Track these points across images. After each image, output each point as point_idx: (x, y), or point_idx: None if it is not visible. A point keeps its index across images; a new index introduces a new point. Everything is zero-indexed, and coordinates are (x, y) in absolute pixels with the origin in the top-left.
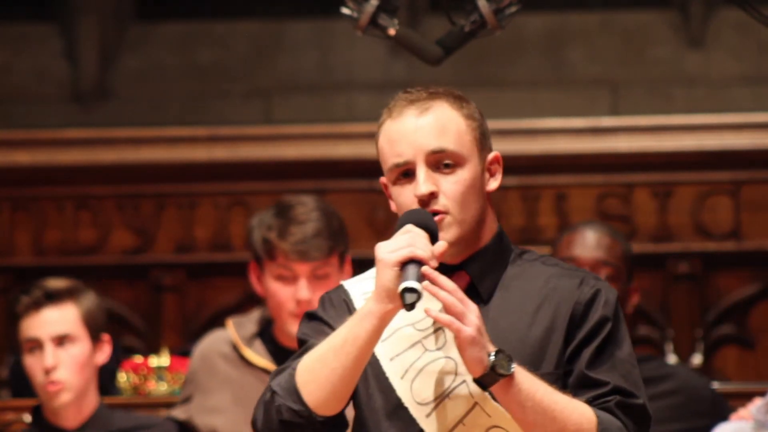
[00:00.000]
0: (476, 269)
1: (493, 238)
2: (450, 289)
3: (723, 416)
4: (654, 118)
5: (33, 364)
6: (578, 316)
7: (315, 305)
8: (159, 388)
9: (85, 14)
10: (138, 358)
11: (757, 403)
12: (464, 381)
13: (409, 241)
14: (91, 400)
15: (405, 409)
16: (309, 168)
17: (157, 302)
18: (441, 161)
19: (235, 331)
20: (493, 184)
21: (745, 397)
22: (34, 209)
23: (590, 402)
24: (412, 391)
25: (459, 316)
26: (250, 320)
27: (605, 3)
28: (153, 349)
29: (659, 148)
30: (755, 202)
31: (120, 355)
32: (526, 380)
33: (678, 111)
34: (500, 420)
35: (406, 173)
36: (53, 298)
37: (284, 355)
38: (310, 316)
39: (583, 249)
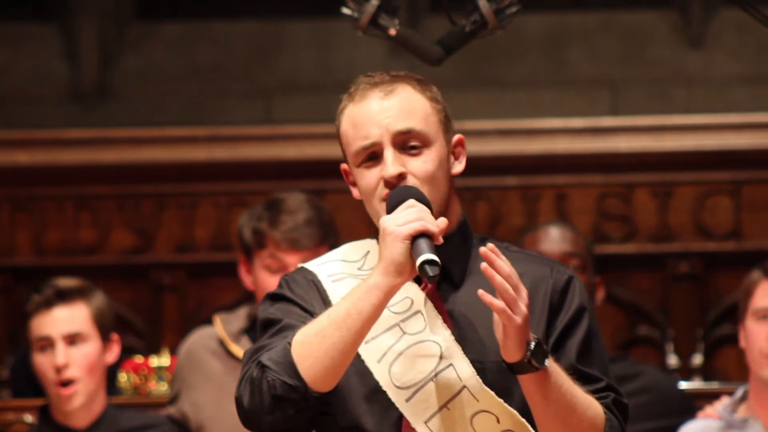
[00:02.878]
0: (446, 254)
1: (459, 223)
2: (506, 274)
3: (691, 414)
4: (654, 118)
5: (44, 362)
6: (555, 304)
7: None
8: (159, 388)
9: (85, 14)
10: (138, 358)
11: (724, 401)
12: (451, 364)
13: (418, 214)
14: (101, 400)
15: (383, 393)
16: (309, 168)
17: (157, 302)
18: (407, 142)
19: (222, 327)
20: (458, 167)
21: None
22: (34, 209)
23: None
24: (391, 374)
25: (510, 303)
26: (238, 316)
27: (605, 3)
28: (153, 349)
29: (659, 148)
30: (755, 202)
31: (120, 355)
32: (554, 373)
33: (678, 111)
34: (488, 404)
35: (372, 156)
36: (65, 296)
37: None
38: (274, 297)
39: (550, 243)
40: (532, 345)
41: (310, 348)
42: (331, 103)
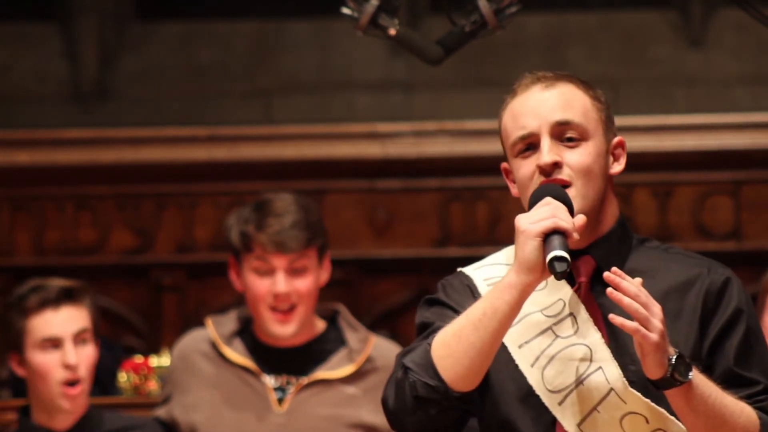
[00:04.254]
0: (602, 254)
1: (616, 222)
2: (632, 294)
3: None
4: (654, 118)
5: (49, 361)
6: (711, 305)
7: (292, 299)
8: (159, 388)
9: (85, 14)
10: (138, 358)
11: None
12: (600, 367)
13: (551, 212)
14: (85, 401)
15: (536, 397)
16: (309, 168)
17: (157, 302)
18: (565, 133)
19: (215, 329)
20: (617, 167)
21: None
22: (34, 209)
23: (743, 401)
24: (544, 378)
25: (643, 322)
26: (230, 318)
27: (605, 3)
28: (153, 349)
29: (659, 148)
30: (755, 202)
31: (120, 355)
32: (700, 385)
33: (678, 111)
34: (637, 406)
35: (529, 146)
36: (72, 296)
37: (264, 353)
38: (430, 302)
39: None
40: (674, 359)
41: (449, 348)
42: (331, 103)
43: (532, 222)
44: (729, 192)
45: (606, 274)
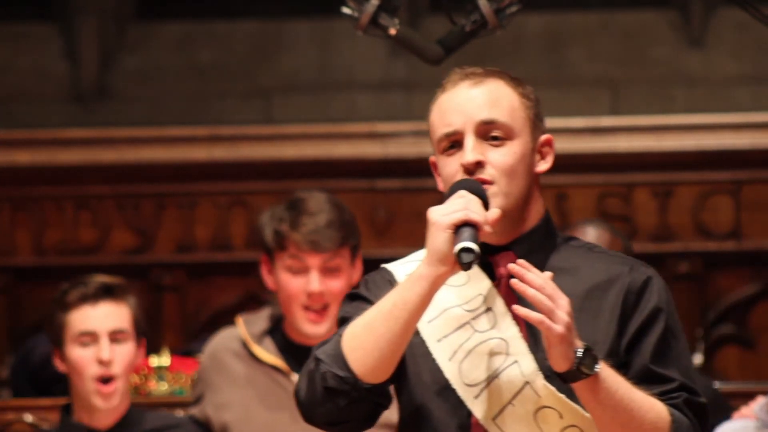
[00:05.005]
0: (524, 250)
1: (540, 220)
2: (538, 285)
3: (725, 415)
4: (654, 118)
5: (84, 356)
6: (630, 303)
7: (326, 299)
8: (159, 388)
9: (85, 14)
10: None
11: (760, 401)
12: (515, 361)
13: (463, 204)
14: (126, 401)
15: (453, 390)
16: (309, 168)
17: (157, 302)
18: (490, 132)
19: (245, 328)
20: (543, 165)
21: (746, 397)
22: (34, 209)
23: (656, 398)
24: (461, 372)
25: (548, 314)
26: (261, 317)
27: (605, 3)
28: (153, 349)
29: (659, 148)
30: (755, 202)
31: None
32: (608, 378)
33: (678, 111)
34: (550, 400)
35: (454, 144)
36: (111, 293)
37: (295, 352)
38: (352, 296)
39: None
40: (580, 352)
41: (359, 340)
42: (331, 103)
43: (443, 214)
44: (729, 192)
45: (510, 265)
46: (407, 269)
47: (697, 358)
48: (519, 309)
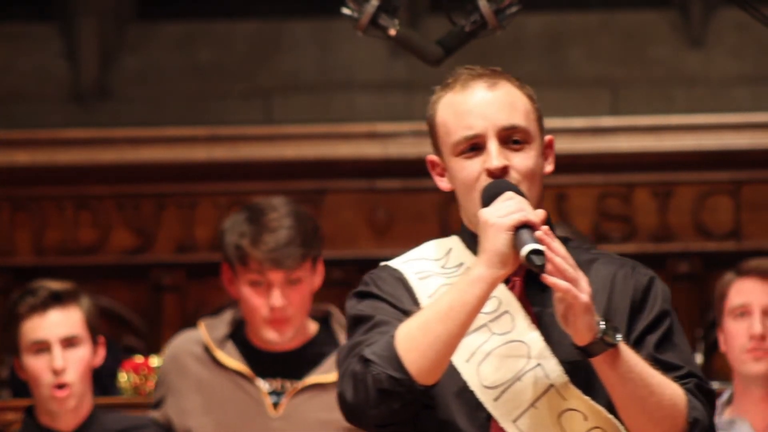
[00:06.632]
0: None
1: (546, 222)
2: (563, 255)
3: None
4: (654, 118)
5: (39, 365)
6: (637, 303)
7: (288, 312)
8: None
9: (85, 14)
10: (138, 358)
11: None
12: (539, 364)
13: (519, 205)
14: (88, 403)
15: (472, 392)
16: (309, 168)
17: (157, 302)
18: (511, 137)
19: (207, 332)
20: (548, 167)
21: None
22: (34, 209)
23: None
24: (479, 374)
25: (573, 282)
26: (222, 322)
27: (605, 3)
28: (153, 349)
29: (659, 148)
30: (755, 202)
31: (120, 355)
32: (627, 351)
33: (678, 111)
34: (576, 403)
35: (474, 147)
36: (60, 299)
37: (258, 357)
38: (361, 295)
39: None
40: (602, 322)
41: (415, 341)
42: (331, 103)
43: (500, 215)
44: (729, 192)
45: (537, 233)
46: (414, 267)
47: (697, 358)
48: (548, 278)
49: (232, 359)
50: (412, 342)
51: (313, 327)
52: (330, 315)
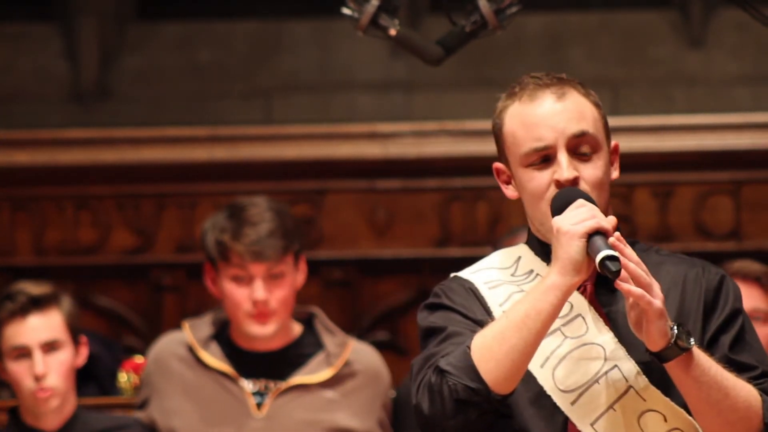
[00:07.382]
0: None
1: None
2: (636, 261)
3: None
4: (654, 118)
5: (20, 370)
6: (710, 303)
7: (272, 305)
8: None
9: (85, 14)
10: (138, 358)
11: None
12: (615, 366)
13: (591, 212)
14: (71, 402)
15: (548, 397)
16: (309, 168)
17: (157, 302)
18: (580, 146)
19: (191, 333)
20: (614, 173)
21: None
22: (34, 209)
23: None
24: (555, 378)
25: (647, 288)
26: (205, 322)
27: (605, 3)
28: None
29: (659, 148)
30: (755, 202)
31: (120, 355)
32: (701, 355)
33: (678, 111)
34: (655, 404)
35: (545, 159)
36: (38, 304)
37: (242, 357)
38: (433, 306)
39: None
40: (675, 327)
41: (491, 350)
42: (331, 103)
43: (574, 223)
44: (729, 192)
45: (611, 239)
46: (483, 277)
47: None
48: (622, 284)
49: (215, 359)
50: (487, 352)
51: (297, 328)
52: (314, 316)
